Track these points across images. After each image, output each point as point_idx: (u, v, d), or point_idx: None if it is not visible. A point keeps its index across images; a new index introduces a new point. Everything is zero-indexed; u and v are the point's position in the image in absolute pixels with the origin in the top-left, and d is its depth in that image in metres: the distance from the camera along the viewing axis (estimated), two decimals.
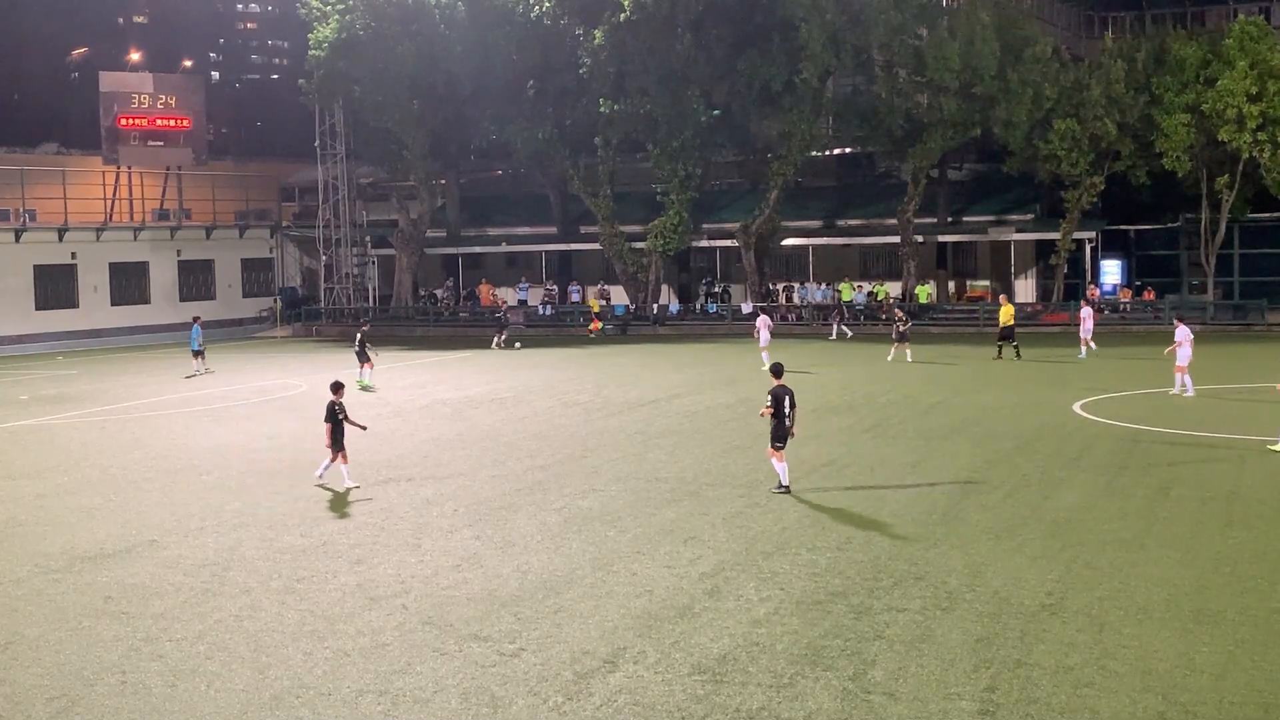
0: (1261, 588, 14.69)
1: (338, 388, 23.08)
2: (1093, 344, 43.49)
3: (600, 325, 61.04)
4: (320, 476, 22.65)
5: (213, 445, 27.72)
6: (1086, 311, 44.53)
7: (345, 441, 22.39)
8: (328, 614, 14.65)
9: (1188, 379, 31.95)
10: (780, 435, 20.65)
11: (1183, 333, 32.34)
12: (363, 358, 38.95)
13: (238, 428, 30.50)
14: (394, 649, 13.35)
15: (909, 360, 41.99)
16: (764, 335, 43.24)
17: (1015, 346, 42.19)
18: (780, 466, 20.84)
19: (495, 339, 53.98)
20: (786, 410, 20.54)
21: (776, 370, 21.28)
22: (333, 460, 22.39)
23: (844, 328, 55.30)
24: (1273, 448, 23.55)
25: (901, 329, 43.63)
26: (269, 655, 13.27)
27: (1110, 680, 11.87)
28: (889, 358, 42.75)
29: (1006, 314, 42.90)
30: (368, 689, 12.21)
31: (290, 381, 41.05)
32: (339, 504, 20.94)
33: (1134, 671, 12.07)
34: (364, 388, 37.57)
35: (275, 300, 72.51)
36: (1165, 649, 12.66)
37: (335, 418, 22.29)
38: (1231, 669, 12.07)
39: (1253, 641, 12.81)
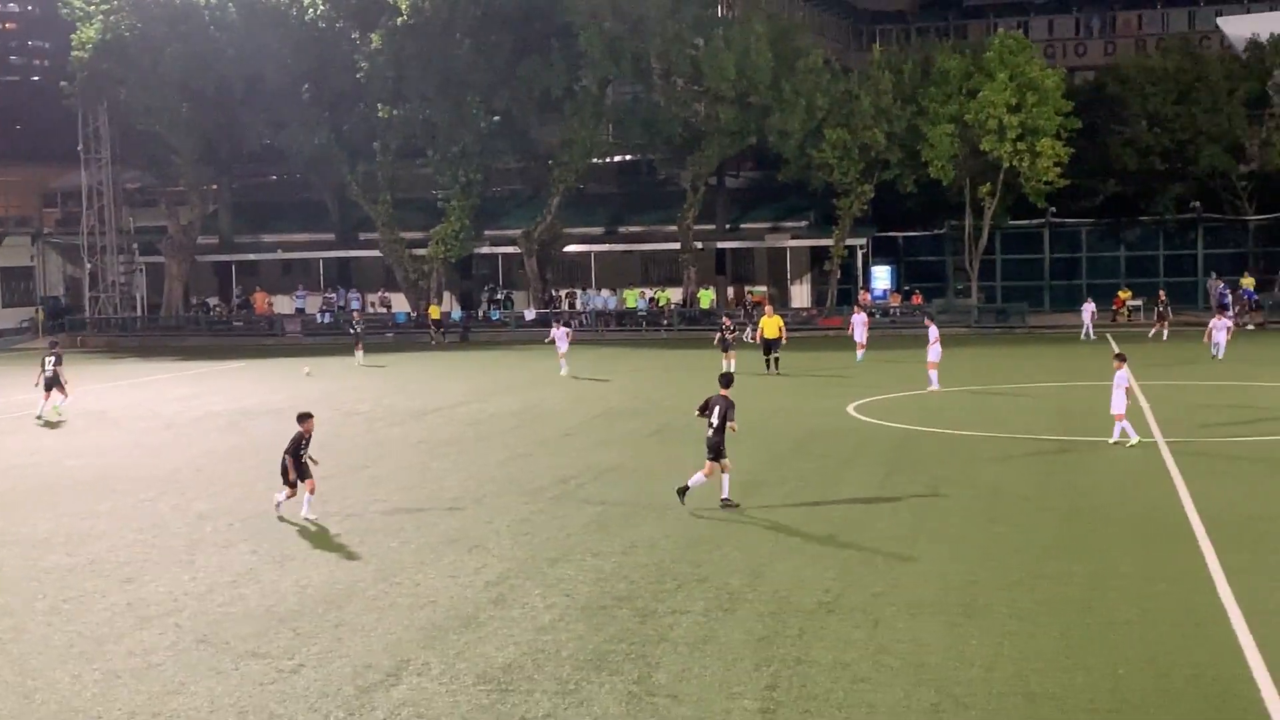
0: (1026, 581, 15.29)
1: (305, 418, 19.94)
2: (861, 350, 43.53)
3: (433, 332, 59.18)
4: (306, 515, 19.59)
5: None
6: (859, 318, 44.86)
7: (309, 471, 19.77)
8: (96, 634, 14.11)
9: (934, 374, 34.25)
10: (710, 446, 19.49)
11: (934, 332, 34.71)
12: (54, 384, 32.69)
13: None
14: (167, 669, 12.92)
15: (731, 369, 38.55)
16: (562, 344, 41.52)
17: (775, 358, 39.88)
18: (696, 477, 19.58)
19: (357, 353, 47.85)
20: (713, 420, 19.41)
21: (724, 380, 20.43)
22: (292, 494, 19.75)
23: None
24: (1127, 443, 24.14)
25: (728, 336, 40.66)
26: (35, 679, 12.72)
27: (885, 675, 12.20)
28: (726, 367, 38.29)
29: (771, 326, 40.47)
30: (140, 710, 11.79)
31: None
32: (106, 522, 20.16)
33: (908, 665, 12.42)
34: (49, 423, 32.03)
35: (37, 310, 69.55)
36: (937, 642, 13.07)
37: (297, 452, 19.65)
38: (1000, 660, 12.52)
39: (1019, 633, 13.32)
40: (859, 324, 44.41)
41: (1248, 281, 59.48)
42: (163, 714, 11.71)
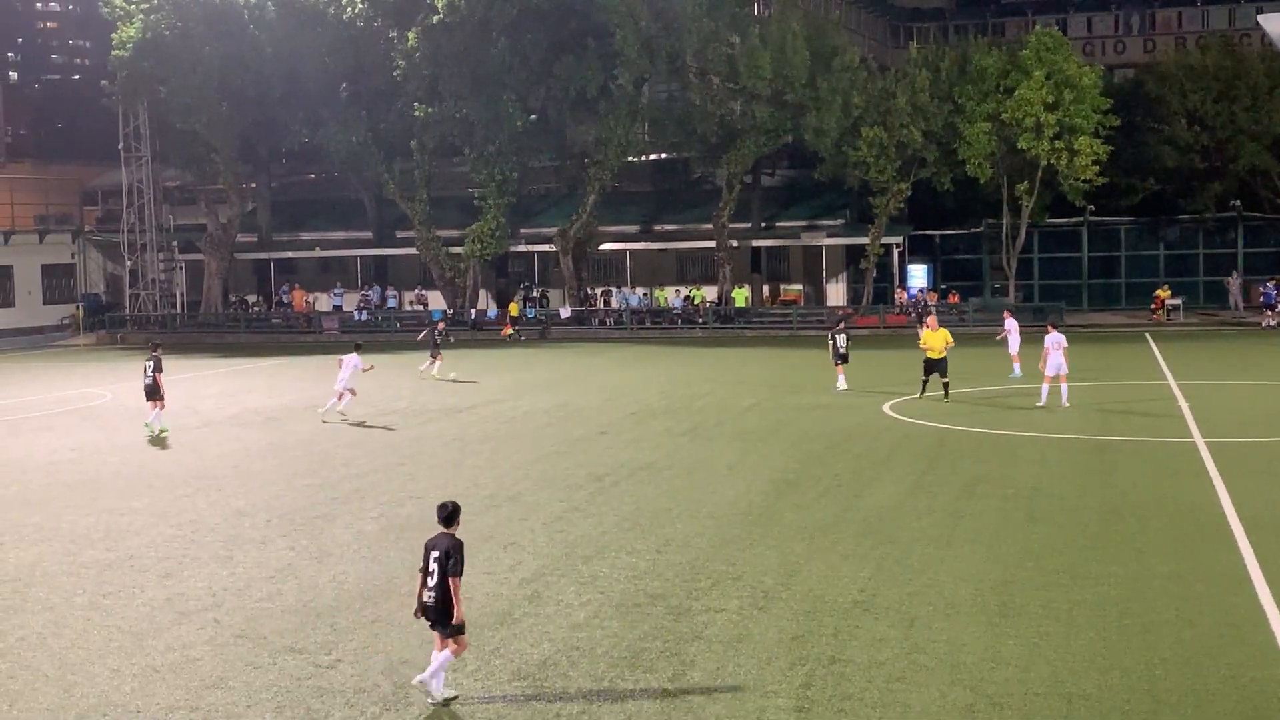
0: (1063, 581, 15.22)
1: (448, 518, 12.71)
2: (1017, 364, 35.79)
3: (512, 330, 59.49)
4: None
5: (11, 458, 26.65)
6: (1012, 324, 36.64)
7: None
8: (135, 629, 14.23)
9: (1046, 388, 30.16)
10: None
11: (1053, 339, 30.04)
12: (154, 394, 29.53)
13: (37, 439, 29.38)
14: (205, 664, 13.02)
15: (843, 388, 34.02)
16: (344, 373, 31.09)
17: (945, 382, 31.49)
18: None
19: (432, 362, 40.94)
20: None
21: None
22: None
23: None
24: None
25: (842, 349, 34.65)
26: (75, 673, 12.84)
27: (920, 674, 12.17)
28: (839, 387, 34.11)
29: (938, 340, 31.67)
30: (178, 705, 11.89)
31: (93, 391, 39.73)
32: (144, 517, 20.31)
33: (943, 665, 12.40)
34: (154, 436, 28.61)
35: (78, 307, 70.07)
36: (973, 643, 13.03)
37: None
38: (1036, 661, 12.48)
39: (1055, 634, 13.26)
40: (1015, 330, 36.25)
41: None
42: (200, 708, 11.80)
